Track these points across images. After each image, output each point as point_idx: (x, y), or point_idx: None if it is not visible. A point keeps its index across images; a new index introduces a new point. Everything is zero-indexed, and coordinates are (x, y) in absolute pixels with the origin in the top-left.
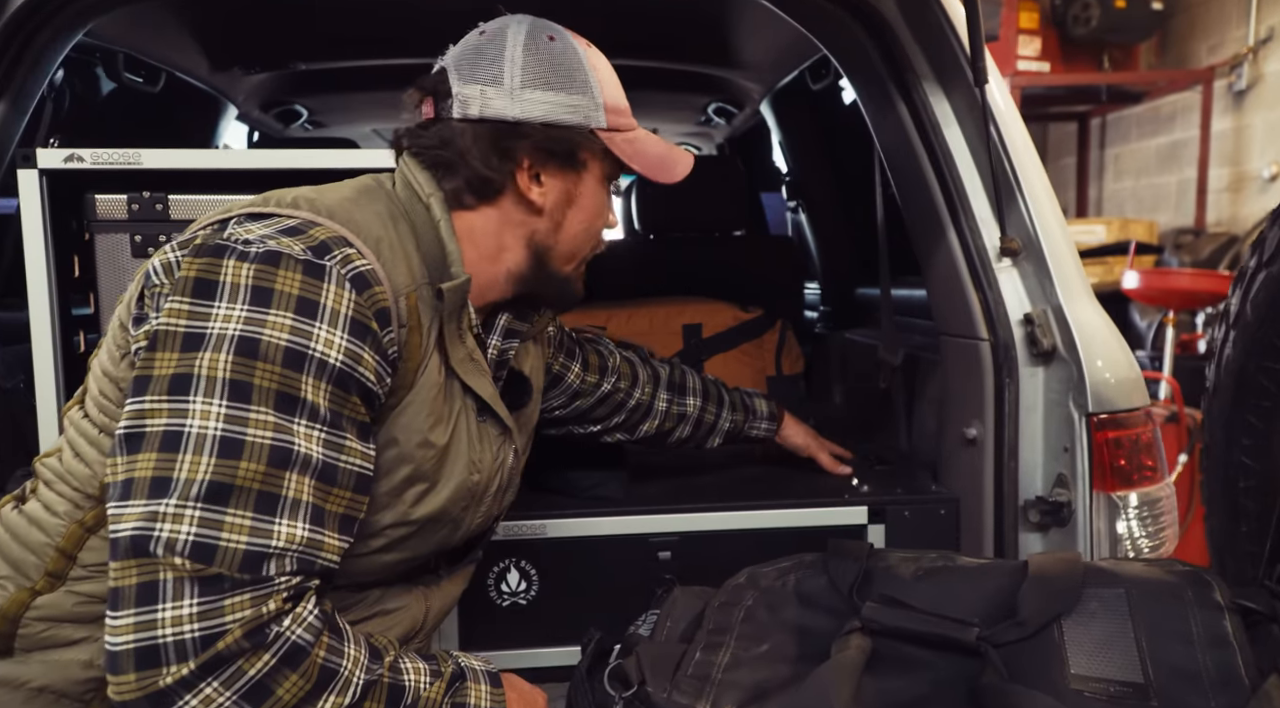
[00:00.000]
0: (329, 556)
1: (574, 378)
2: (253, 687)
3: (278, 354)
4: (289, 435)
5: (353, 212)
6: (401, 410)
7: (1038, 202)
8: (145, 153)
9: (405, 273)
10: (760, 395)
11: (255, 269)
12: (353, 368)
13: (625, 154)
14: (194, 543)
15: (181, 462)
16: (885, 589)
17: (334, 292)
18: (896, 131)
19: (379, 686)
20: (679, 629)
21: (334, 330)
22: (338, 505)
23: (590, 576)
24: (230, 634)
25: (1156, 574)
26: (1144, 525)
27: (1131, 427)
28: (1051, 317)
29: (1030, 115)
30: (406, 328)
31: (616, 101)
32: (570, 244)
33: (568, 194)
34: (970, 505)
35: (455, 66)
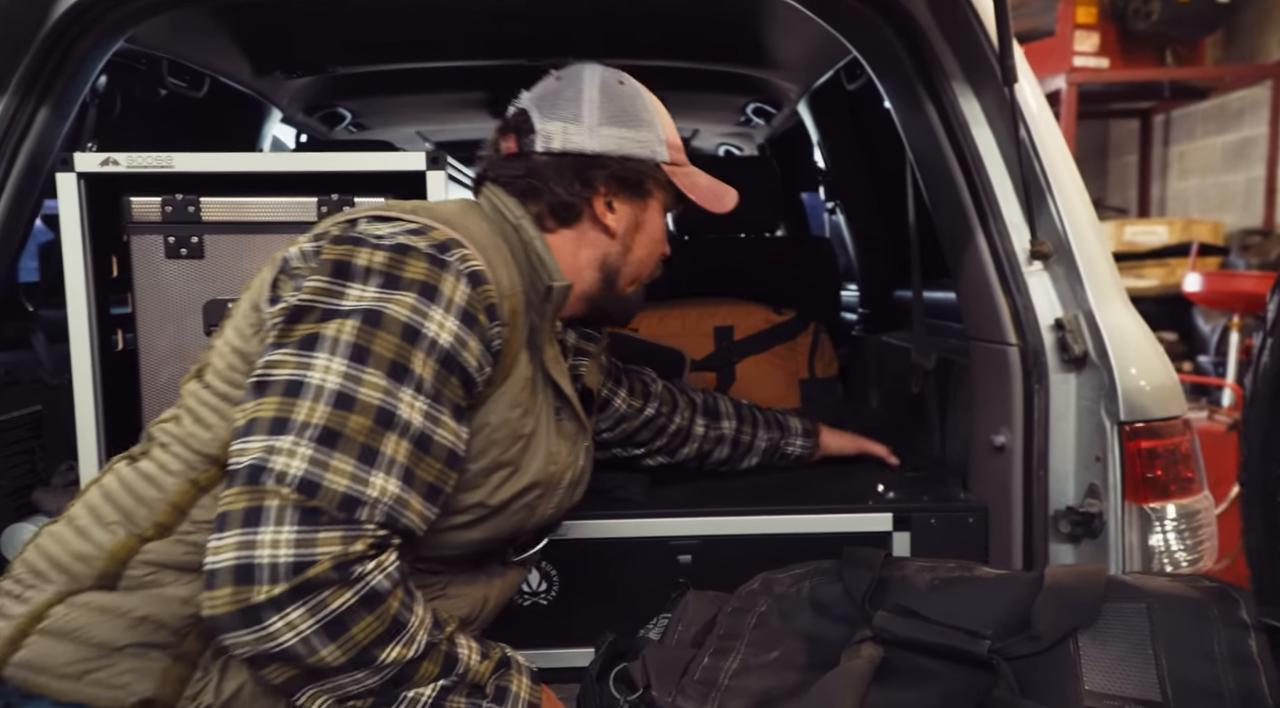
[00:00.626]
0: (412, 516)
1: (621, 403)
2: (332, 620)
3: (397, 327)
4: (395, 400)
5: (463, 221)
6: (496, 399)
7: (1069, 203)
8: (177, 157)
9: (507, 278)
10: (795, 413)
11: (388, 257)
12: (458, 352)
13: (684, 185)
14: (302, 477)
15: (300, 406)
16: (899, 599)
17: (452, 282)
18: (925, 132)
19: (438, 650)
20: (690, 634)
21: (447, 316)
22: (427, 473)
23: (610, 578)
24: (320, 565)
25: (1181, 590)
26: (1181, 539)
27: (1167, 436)
28: (1083, 322)
29: (1089, 112)
30: (507, 327)
31: (674, 139)
32: (635, 267)
33: (636, 220)
34: (999, 515)
35: (536, 107)
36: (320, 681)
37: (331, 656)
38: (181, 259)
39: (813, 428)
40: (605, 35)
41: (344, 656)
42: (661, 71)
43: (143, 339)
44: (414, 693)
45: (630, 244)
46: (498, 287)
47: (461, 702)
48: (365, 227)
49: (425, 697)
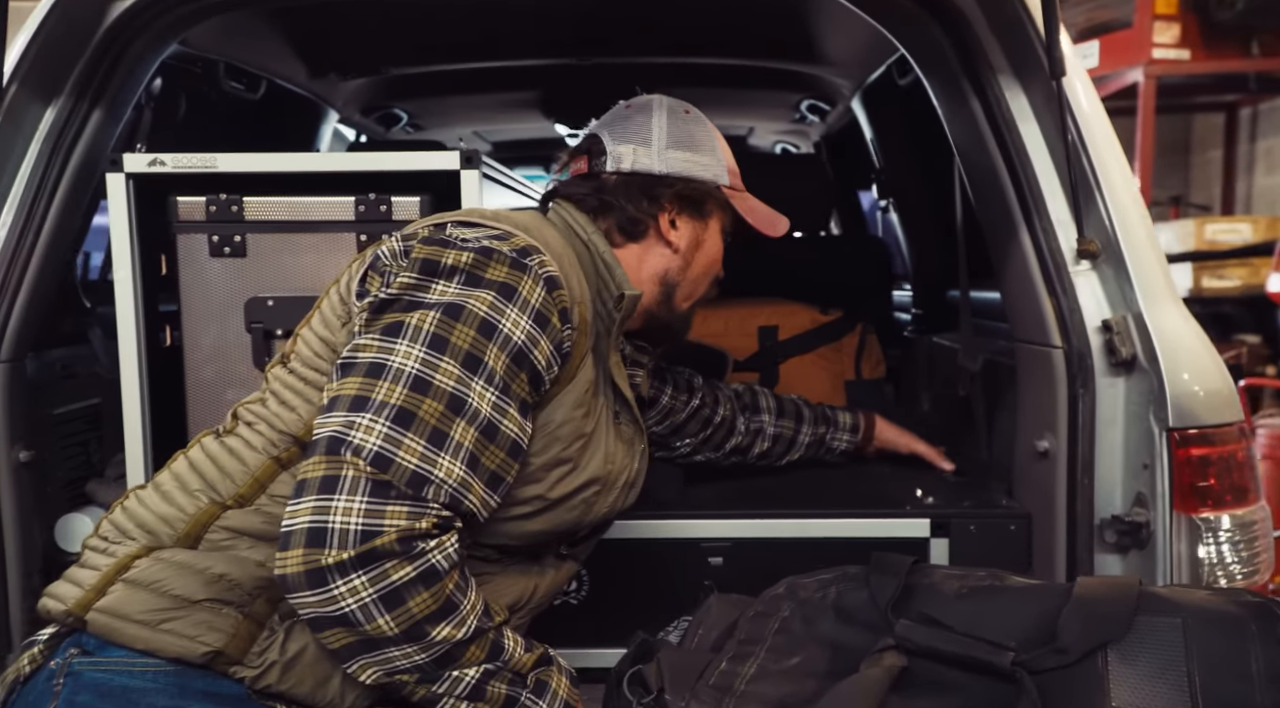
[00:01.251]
0: (475, 501)
1: (667, 399)
2: (391, 591)
3: (475, 321)
4: (468, 389)
5: (540, 230)
6: (561, 398)
7: (1119, 201)
8: (221, 157)
9: (578, 285)
10: (844, 409)
11: (473, 257)
12: (529, 350)
13: (742, 208)
14: (376, 452)
15: (380, 386)
16: (925, 607)
17: (530, 285)
18: (969, 128)
19: (486, 636)
20: (711, 637)
21: (522, 315)
22: (491, 461)
23: (641, 578)
24: (386, 535)
25: (1219, 604)
26: (1236, 551)
27: (1220, 444)
28: (1132, 324)
29: (1170, 106)
30: (577, 331)
31: (733, 166)
32: (692, 284)
33: (697, 239)
34: (1042, 523)
35: (608, 132)
36: (373, 651)
37: (387, 625)
38: (225, 257)
39: (862, 423)
40: (656, 33)
41: (398, 627)
42: (715, 69)
43: (187, 336)
44: (458, 673)
45: (690, 261)
46: (571, 293)
47: (502, 688)
48: (453, 230)
49: (469, 677)
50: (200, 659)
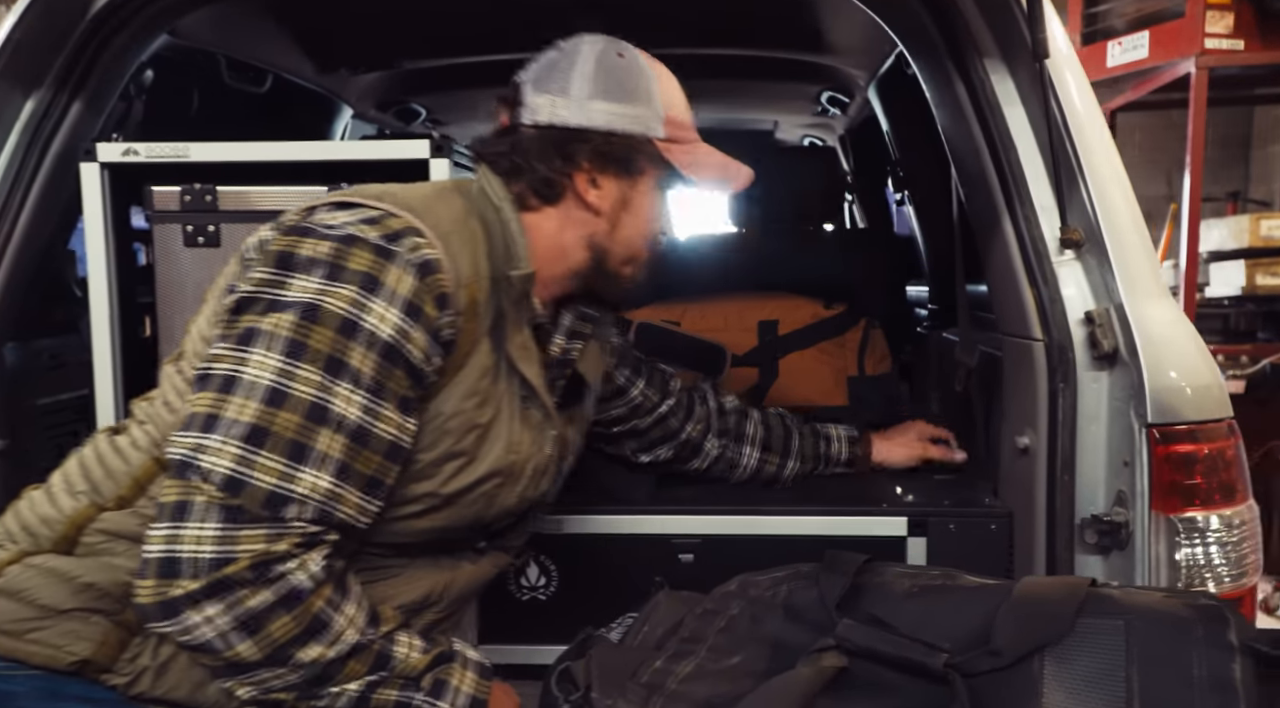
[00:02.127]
0: (348, 510)
1: (638, 393)
2: (249, 618)
3: (335, 321)
4: (330, 395)
5: (430, 206)
6: (450, 389)
7: (1103, 188)
8: (194, 146)
9: (470, 266)
10: (842, 432)
11: (333, 247)
12: (401, 344)
13: (682, 163)
14: (226, 475)
15: (231, 402)
16: (872, 606)
17: (397, 274)
18: (955, 113)
19: (368, 650)
20: (656, 635)
21: (389, 308)
22: (366, 466)
23: (609, 574)
24: (239, 563)
25: (1170, 606)
26: (1224, 552)
27: (1204, 441)
28: (1114, 315)
29: (1228, 99)
30: (464, 316)
31: (678, 116)
32: (626, 246)
33: (624, 198)
34: (1023, 522)
35: (531, 80)
36: (242, 673)
37: (249, 652)
38: (199, 247)
39: (859, 452)
40: (672, 24)
41: (260, 652)
42: (731, 60)
43: (162, 326)
44: (338, 688)
45: (617, 222)
46: (455, 275)
47: (391, 694)
48: (321, 215)
49: (351, 692)
50: (68, 668)
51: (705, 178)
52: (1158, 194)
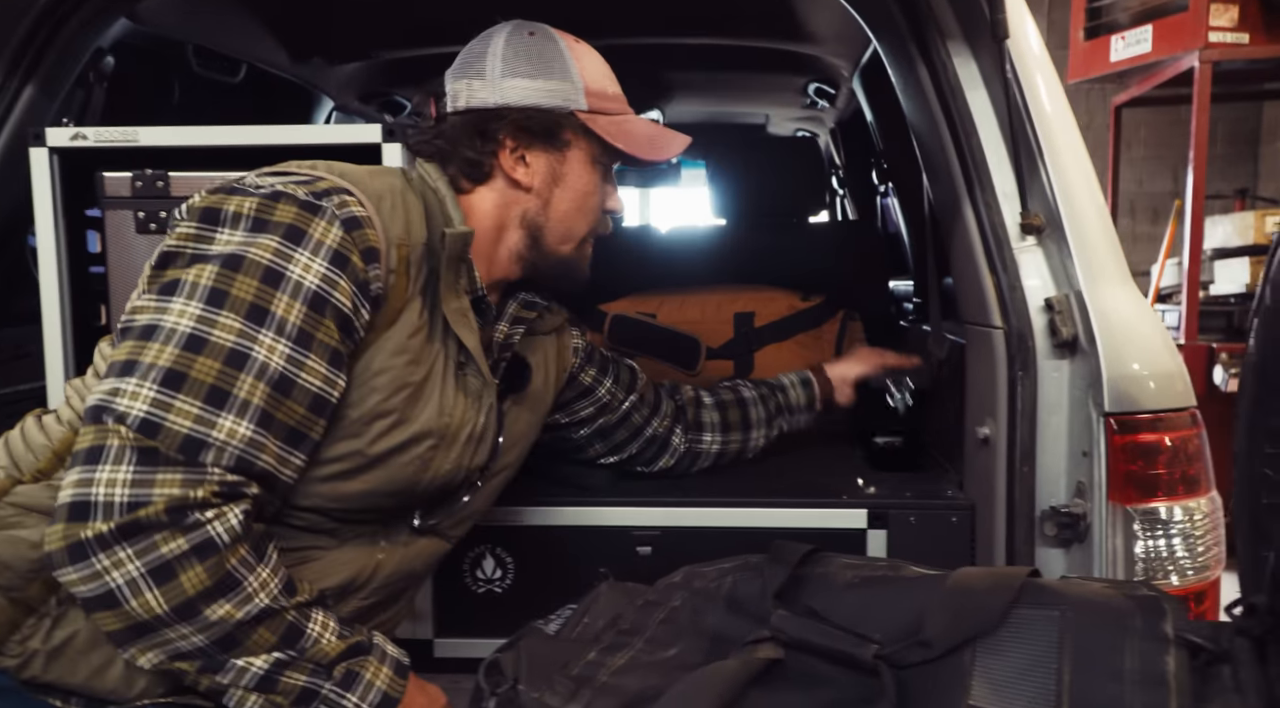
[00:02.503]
0: (269, 460)
1: (605, 392)
2: (160, 565)
3: (258, 270)
4: (251, 342)
5: (364, 177)
6: (379, 345)
7: (1063, 172)
8: (143, 131)
9: (403, 228)
10: (796, 379)
11: (258, 203)
12: (328, 293)
13: (608, 133)
14: (143, 418)
15: (150, 349)
16: (813, 598)
17: (323, 226)
18: (918, 97)
19: (279, 617)
20: (596, 626)
21: (314, 258)
22: (288, 417)
23: (567, 567)
24: (153, 506)
25: (1107, 597)
26: (1187, 544)
27: (1164, 430)
28: (1073, 302)
29: (1235, 94)
30: (395, 274)
31: (601, 87)
32: (562, 223)
33: (553, 173)
34: (984, 514)
35: (452, 70)
36: (148, 634)
37: (156, 603)
38: (151, 234)
39: (816, 391)
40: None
41: (168, 604)
42: (715, 50)
43: (115, 314)
44: (244, 662)
45: (549, 198)
46: (385, 234)
47: (299, 679)
48: (250, 177)
49: (256, 668)
50: None
51: (634, 146)
52: (1164, 191)
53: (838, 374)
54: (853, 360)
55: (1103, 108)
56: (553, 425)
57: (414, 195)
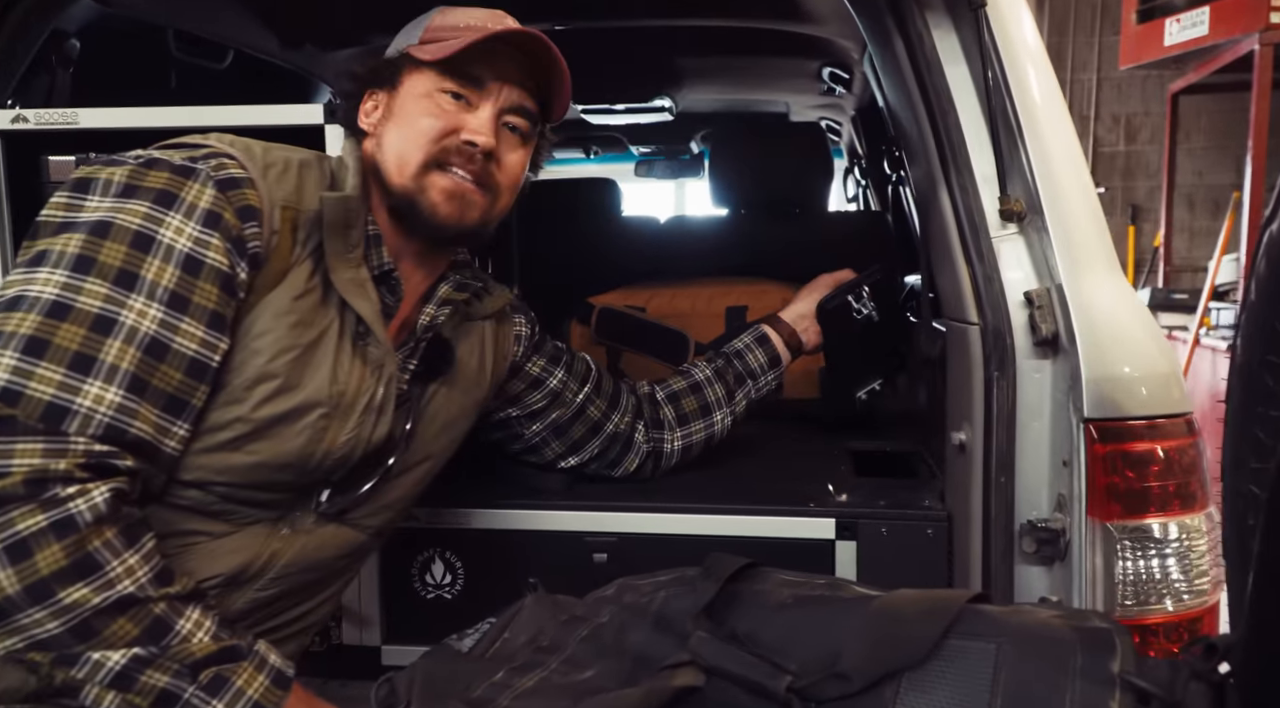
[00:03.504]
0: (145, 428)
1: (556, 382)
2: (15, 542)
3: (126, 236)
4: (119, 307)
5: (264, 148)
6: (261, 307)
7: (1045, 153)
8: (83, 112)
9: (292, 192)
10: (750, 340)
11: (130, 170)
12: (202, 254)
13: (427, 52)
14: (2, 387)
15: (12, 318)
16: (741, 618)
17: (196, 189)
18: (894, 73)
19: (143, 608)
20: (516, 642)
21: (187, 221)
22: (165, 383)
23: (518, 573)
24: (11, 477)
25: (1053, 628)
26: (1182, 565)
27: (1154, 439)
28: (1054, 296)
29: None
30: (278, 235)
31: (451, 23)
32: (391, 151)
33: (388, 111)
34: (960, 527)
35: None
36: None
37: (7, 582)
38: None
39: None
40: None
41: (19, 584)
42: (726, 34)
43: None
44: (100, 655)
45: (383, 135)
46: (268, 196)
47: (160, 679)
48: (143, 151)
49: (112, 663)
50: None
51: (448, 47)
52: (1225, 182)
53: (795, 314)
54: (804, 294)
55: (1159, 96)
56: (505, 421)
57: (320, 170)
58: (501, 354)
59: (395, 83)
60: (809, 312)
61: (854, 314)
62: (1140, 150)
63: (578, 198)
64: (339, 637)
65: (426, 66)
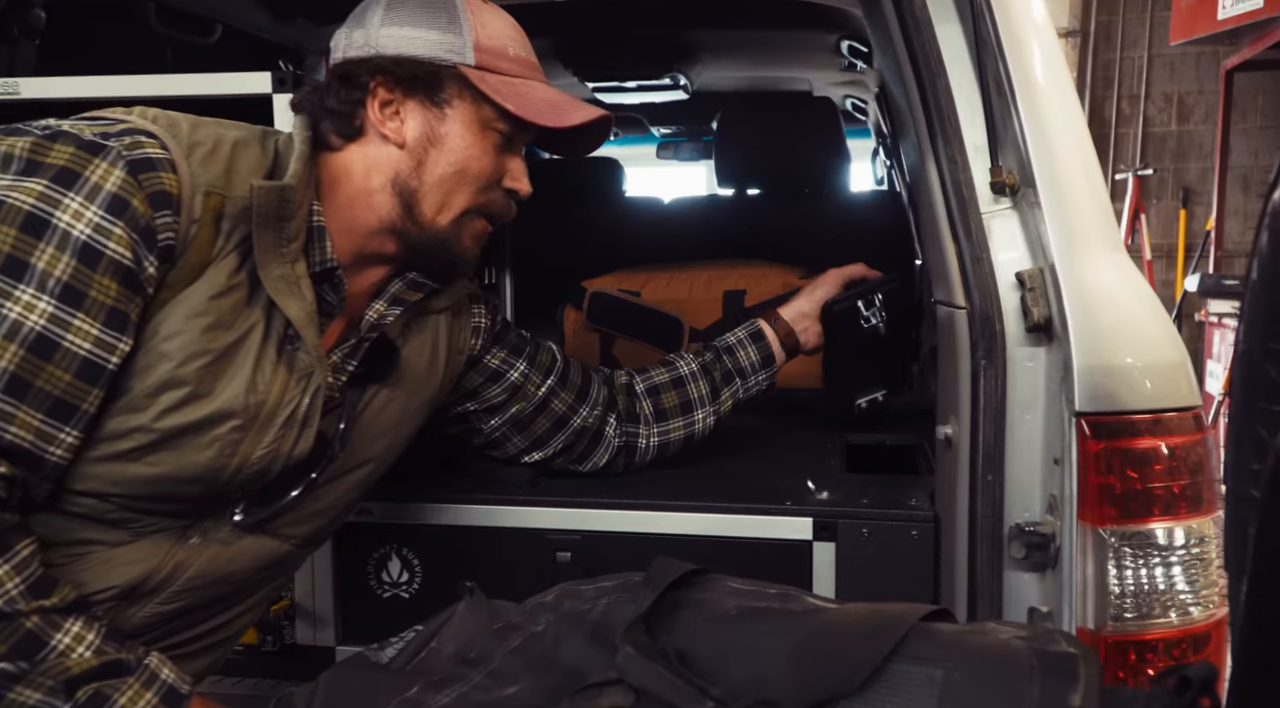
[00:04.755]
0: (22, 434)
1: (517, 374)
2: None
3: (17, 217)
4: (4, 299)
5: (193, 123)
6: (173, 306)
7: (1040, 118)
8: (24, 82)
9: (220, 176)
10: (744, 335)
11: (33, 143)
12: (102, 244)
13: (496, 92)
14: None
15: None
16: (680, 631)
17: (103, 168)
18: (883, 34)
19: (11, 623)
20: (443, 653)
21: (87, 204)
22: (52, 385)
23: (479, 572)
24: None
25: (1012, 652)
26: (1188, 575)
27: (1156, 435)
28: (1048, 277)
29: None
30: (197, 224)
31: (498, 45)
32: (437, 189)
33: (430, 131)
34: (948, 528)
35: (345, 24)
36: None
37: None
38: None
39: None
40: None
41: None
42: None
43: None
44: None
45: (424, 159)
46: (189, 179)
47: (30, 697)
48: (53, 121)
49: None
50: None
51: (527, 109)
52: None
53: (795, 311)
54: (809, 289)
55: (1213, 73)
56: (463, 415)
57: (260, 149)
58: (456, 349)
59: (440, 99)
60: (812, 310)
61: (861, 322)
62: (1193, 130)
63: (579, 178)
64: (292, 636)
65: (481, 96)
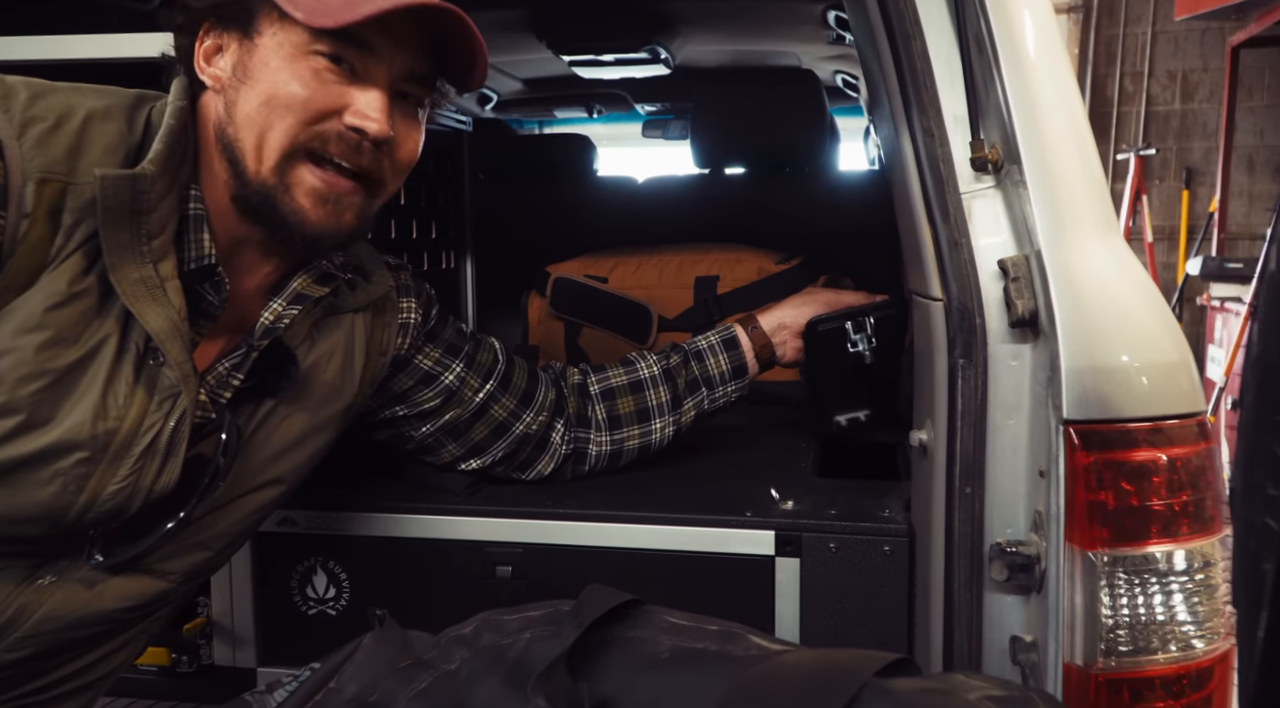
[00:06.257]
0: None
1: (453, 378)
2: None
3: None
4: None
5: (30, 88)
6: (3, 320)
7: (1026, 88)
8: None
9: (62, 159)
10: (717, 341)
11: None
12: None
13: (299, 8)
14: None
15: None
16: (607, 675)
17: None
18: (858, 5)
19: None
20: (343, 695)
21: None
22: None
23: (412, 587)
24: None
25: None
26: (1189, 604)
27: (1155, 446)
28: (1034, 265)
29: None
30: (30, 218)
31: None
32: (248, 129)
33: (241, 66)
34: (923, 544)
35: None
36: None
37: None
38: None
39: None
40: None
41: None
42: None
43: None
44: None
45: (235, 99)
46: (19, 165)
47: None
48: None
49: None
50: None
51: (313, 14)
52: None
53: (775, 322)
54: (798, 301)
55: (1218, 49)
56: (391, 420)
57: (124, 123)
58: (378, 350)
59: (249, 28)
60: (794, 324)
61: (847, 345)
62: (1197, 108)
63: (546, 155)
64: (210, 657)
65: (287, 19)
